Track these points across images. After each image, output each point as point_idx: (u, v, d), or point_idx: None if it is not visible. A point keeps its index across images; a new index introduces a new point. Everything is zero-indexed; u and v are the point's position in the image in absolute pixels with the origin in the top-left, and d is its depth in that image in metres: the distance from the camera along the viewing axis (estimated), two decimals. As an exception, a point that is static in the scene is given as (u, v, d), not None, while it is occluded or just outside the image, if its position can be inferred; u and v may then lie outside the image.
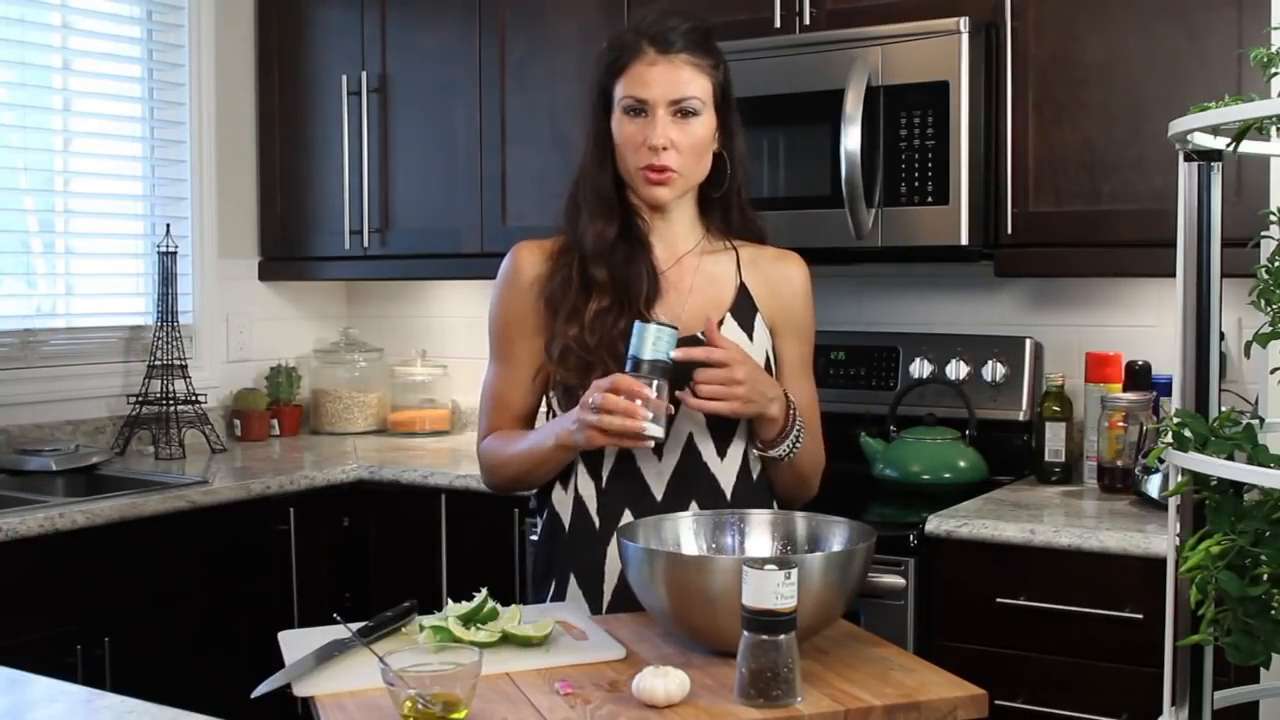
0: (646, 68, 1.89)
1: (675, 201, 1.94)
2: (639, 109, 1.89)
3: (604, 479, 1.90)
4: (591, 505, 1.91)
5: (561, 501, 1.95)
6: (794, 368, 1.99)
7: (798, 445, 1.89)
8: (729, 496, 1.90)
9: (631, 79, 1.89)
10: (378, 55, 3.56)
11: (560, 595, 1.93)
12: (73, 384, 3.36)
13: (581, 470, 1.92)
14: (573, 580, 1.91)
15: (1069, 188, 2.64)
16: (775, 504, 1.97)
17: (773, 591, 1.39)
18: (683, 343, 1.79)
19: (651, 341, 1.74)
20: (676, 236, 1.97)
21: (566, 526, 1.93)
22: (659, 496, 1.88)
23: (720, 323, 1.91)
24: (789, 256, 2.04)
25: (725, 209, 2.00)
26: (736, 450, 1.92)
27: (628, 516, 1.86)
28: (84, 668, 2.56)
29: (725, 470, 1.91)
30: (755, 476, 1.95)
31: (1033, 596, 2.34)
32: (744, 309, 1.96)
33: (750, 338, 1.94)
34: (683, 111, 1.88)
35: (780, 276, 2.01)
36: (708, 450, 1.90)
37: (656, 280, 1.92)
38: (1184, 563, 1.20)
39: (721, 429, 1.90)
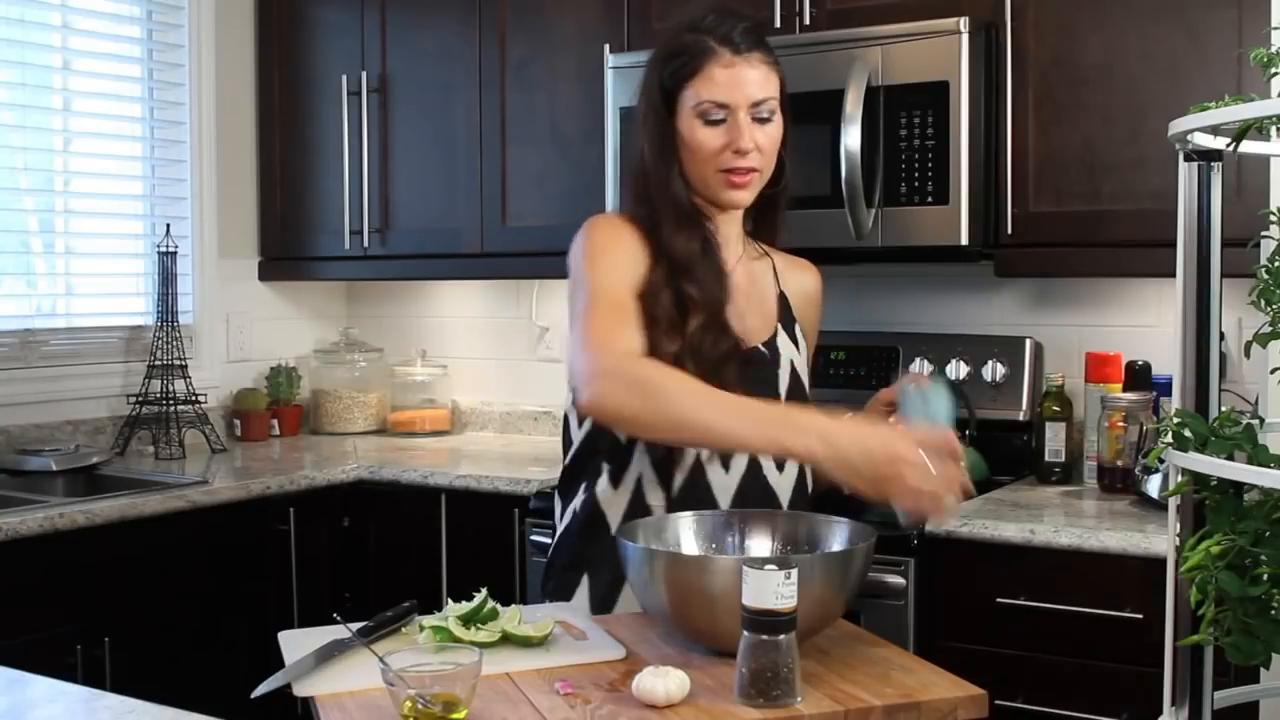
0: (725, 70, 1.83)
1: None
2: (718, 113, 1.83)
3: (675, 489, 1.85)
4: (658, 513, 1.85)
5: (610, 500, 1.88)
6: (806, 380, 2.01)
7: None
8: (786, 509, 1.90)
9: (708, 82, 1.83)
10: (378, 55, 3.56)
11: (597, 592, 1.88)
12: (73, 384, 3.36)
13: (650, 478, 1.86)
14: (628, 588, 1.83)
15: (1069, 188, 2.64)
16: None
17: (773, 591, 1.39)
18: (749, 355, 1.85)
19: (946, 403, 1.65)
20: (733, 240, 1.95)
21: (612, 526, 1.87)
22: (724, 509, 1.86)
23: (774, 336, 1.93)
24: (809, 266, 2.08)
25: (773, 210, 1.97)
26: (793, 464, 1.91)
27: None
28: (84, 668, 2.56)
29: (784, 483, 1.90)
30: (810, 489, 1.95)
31: (1033, 596, 2.34)
32: (787, 319, 1.98)
33: (796, 348, 1.96)
34: (761, 113, 1.85)
35: (805, 285, 2.05)
36: (768, 464, 1.89)
37: (729, 291, 1.88)
38: (1184, 563, 1.20)
39: None
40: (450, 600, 1.69)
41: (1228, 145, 1.27)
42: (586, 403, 1.69)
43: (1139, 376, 2.75)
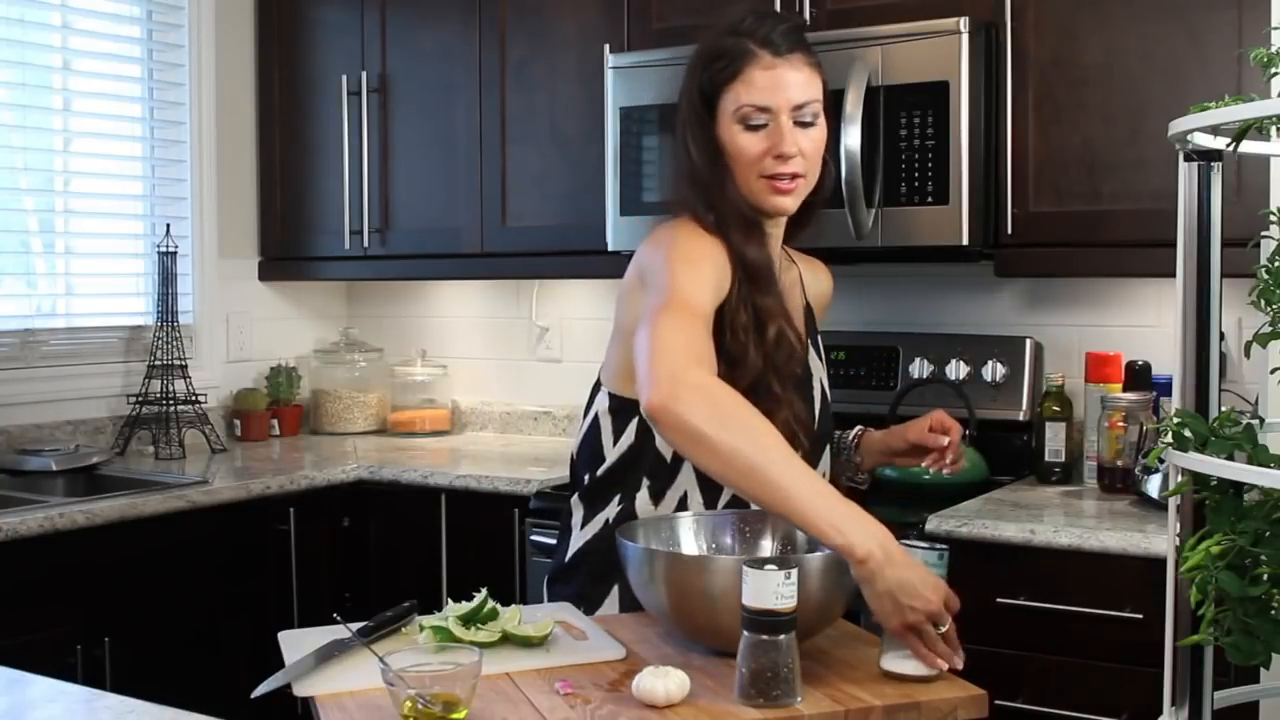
0: (766, 73, 1.78)
1: None
2: (760, 118, 1.79)
3: (719, 507, 1.83)
4: None
5: (650, 514, 1.84)
6: None
7: None
8: None
9: (751, 87, 1.78)
10: (378, 55, 3.56)
11: (627, 604, 1.82)
12: (73, 384, 3.36)
13: (696, 497, 1.83)
14: None
15: (1069, 188, 2.64)
16: None
17: (773, 591, 1.39)
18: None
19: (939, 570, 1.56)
20: (777, 247, 1.91)
21: None
22: None
23: (807, 353, 1.92)
24: (823, 268, 2.08)
25: (809, 216, 1.93)
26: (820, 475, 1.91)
27: None
28: (84, 668, 2.56)
29: None
30: None
31: (1033, 596, 2.34)
32: (814, 334, 1.98)
33: (821, 360, 1.96)
34: (804, 116, 1.80)
35: (822, 288, 2.06)
36: None
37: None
38: (1184, 563, 1.20)
39: (812, 463, 1.87)
40: (450, 600, 1.69)
41: (1228, 145, 1.27)
42: (659, 404, 1.54)
43: (1139, 376, 2.75)
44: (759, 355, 1.77)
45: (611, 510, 1.88)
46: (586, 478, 1.93)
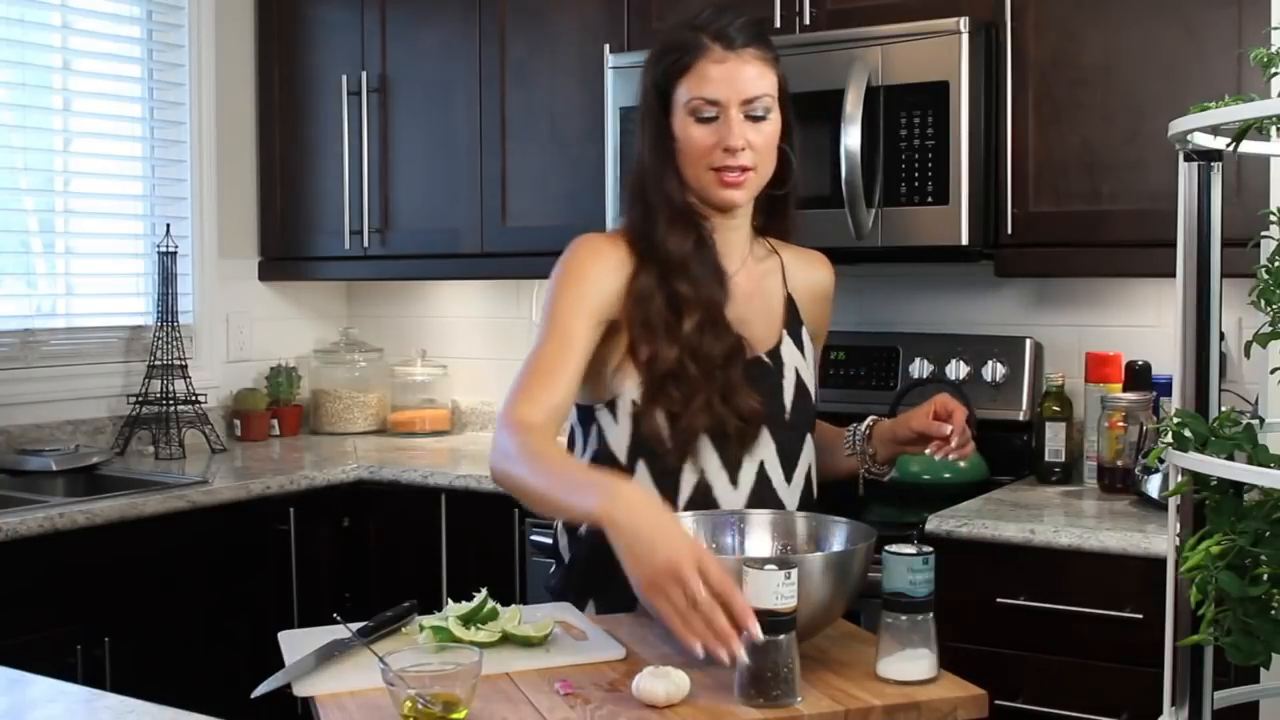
0: (714, 65, 1.80)
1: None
2: (709, 111, 1.80)
3: (679, 506, 1.82)
4: None
5: None
6: (819, 369, 2.02)
7: None
8: None
9: (699, 79, 1.80)
10: (378, 55, 3.56)
11: (612, 610, 1.83)
12: (73, 384, 3.36)
13: (654, 494, 1.80)
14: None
15: (1069, 188, 2.64)
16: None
17: (773, 591, 1.39)
18: (752, 365, 1.84)
19: (907, 574, 1.51)
20: (739, 241, 1.92)
21: None
22: None
23: (778, 344, 1.91)
24: (820, 259, 2.05)
25: (782, 209, 1.95)
26: (801, 472, 1.91)
27: None
28: (84, 668, 2.56)
29: (791, 494, 1.89)
30: (815, 495, 1.95)
31: (1033, 596, 2.34)
32: (794, 324, 1.95)
33: (803, 354, 1.94)
34: (755, 110, 1.81)
35: (816, 281, 2.02)
36: (777, 477, 1.87)
37: (728, 290, 1.86)
38: (1184, 563, 1.20)
39: (790, 454, 1.88)
40: (450, 600, 1.69)
41: (1228, 145, 1.27)
42: (490, 474, 1.75)
43: (1139, 376, 2.75)
44: (672, 341, 1.80)
45: (583, 527, 1.86)
46: None
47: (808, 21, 2.88)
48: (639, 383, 1.82)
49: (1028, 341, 2.96)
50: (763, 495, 1.85)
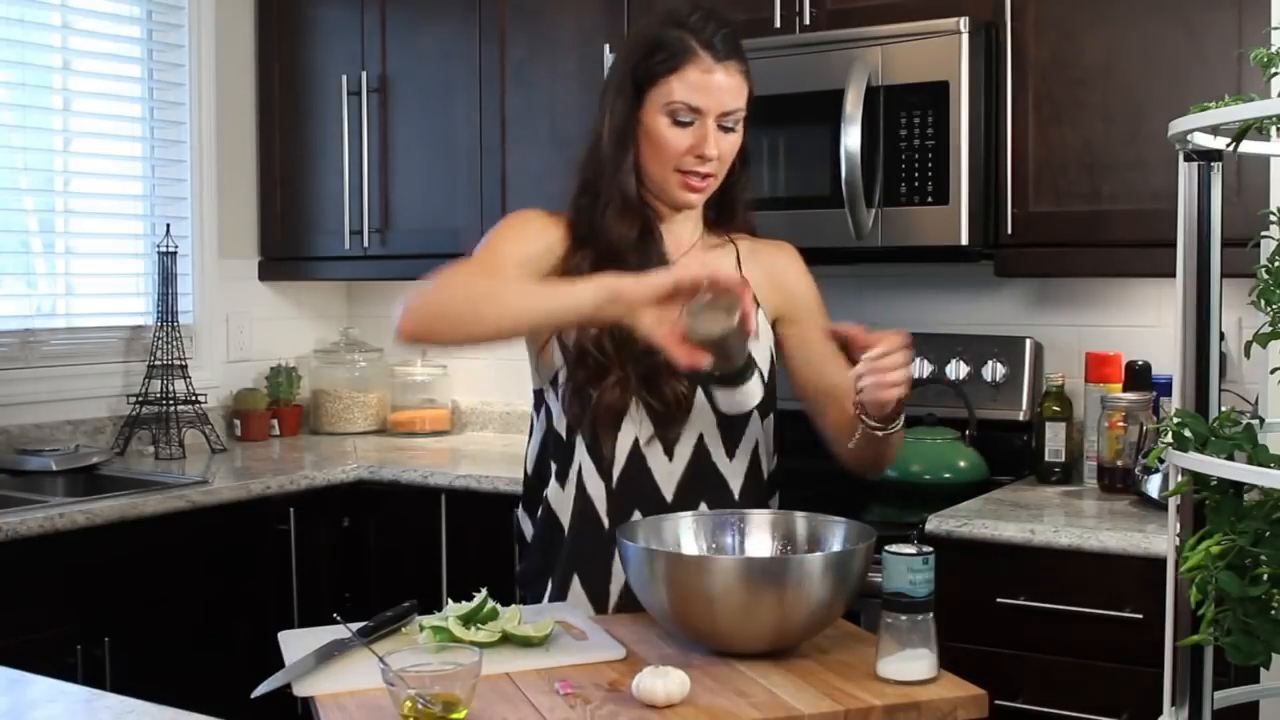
0: (705, 75, 1.84)
1: None
2: (688, 116, 1.84)
3: (614, 479, 1.88)
4: (600, 505, 1.89)
5: (560, 501, 1.93)
6: (827, 348, 1.95)
7: (902, 420, 1.84)
8: (736, 496, 1.90)
9: (684, 84, 1.83)
10: (378, 55, 3.56)
11: (560, 596, 1.92)
12: (73, 384, 3.36)
13: (589, 470, 1.89)
14: (576, 580, 1.90)
15: (1069, 188, 2.64)
16: (776, 504, 1.98)
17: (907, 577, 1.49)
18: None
19: (907, 574, 1.53)
20: (684, 231, 1.96)
21: (566, 526, 1.92)
22: (669, 497, 1.88)
23: None
24: (781, 245, 2.06)
25: (732, 202, 1.98)
26: (745, 449, 1.92)
27: (637, 517, 1.85)
28: (84, 668, 2.56)
29: (734, 471, 1.91)
30: (766, 476, 1.95)
31: (1033, 596, 2.34)
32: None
33: (758, 336, 1.93)
34: (728, 122, 1.87)
35: (778, 266, 2.02)
36: (718, 451, 1.90)
37: None
38: (1184, 563, 1.20)
39: (732, 429, 1.89)
40: (450, 600, 1.69)
41: (1228, 145, 1.27)
42: (396, 339, 1.77)
43: (1139, 376, 2.75)
44: (602, 335, 1.83)
45: (539, 512, 1.96)
46: (525, 488, 2.03)
47: (808, 21, 2.88)
48: (564, 362, 1.88)
49: (1028, 341, 2.96)
50: (701, 469, 1.88)
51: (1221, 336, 1.31)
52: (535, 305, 1.69)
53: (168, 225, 3.48)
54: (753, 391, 1.79)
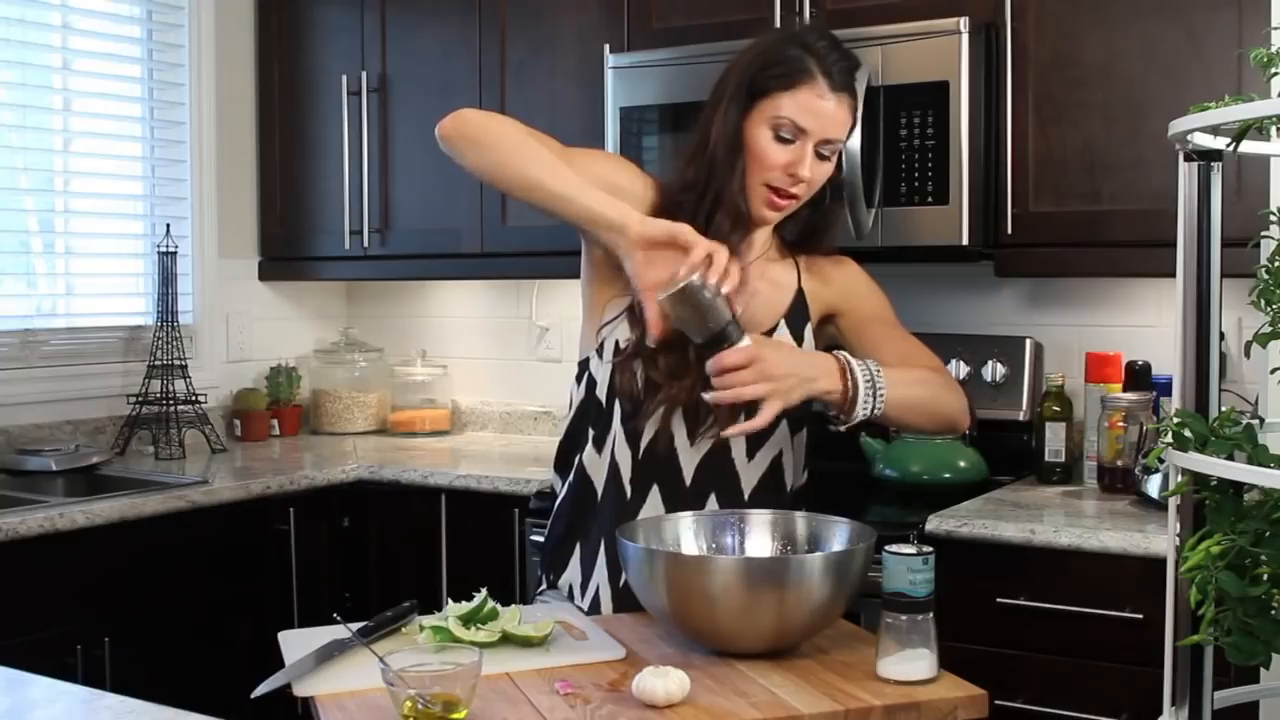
0: (817, 99, 1.86)
1: None
2: (791, 134, 1.86)
3: (641, 450, 1.89)
4: (625, 473, 1.90)
5: (595, 465, 1.94)
6: (882, 329, 2.02)
7: (878, 402, 1.81)
8: (746, 496, 1.91)
9: (799, 105, 1.85)
10: (378, 55, 3.56)
11: (589, 563, 1.92)
12: (73, 384, 3.36)
13: (620, 438, 1.90)
14: (603, 549, 1.91)
15: (1069, 188, 2.64)
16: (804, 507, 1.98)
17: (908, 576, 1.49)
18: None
19: (907, 574, 1.53)
20: (758, 238, 1.98)
21: (599, 492, 1.93)
22: (688, 481, 1.89)
23: (774, 329, 1.94)
24: (838, 258, 2.10)
25: (823, 230, 2.05)
26: (767, 455, 1.92)
27: (655, 493, 1.88)
28: (84, 668, 2.56)
29: (750, 472, 1.92)
30: (789, 489, 1.96)
31: (1033, 596, 2.34)
32: (798, 316, 1.98)
33: (799, 345, 1.96)
34: (825, 150, 1.88)
35: (836, 273, 2.07)
36: (738, 448, 1.91)
37: None
38: (1184, 563, 1.20)
39: (758, 433, 1.88)
40: (450, 600, 1.69)
41: (1228, 145, 1.27)
42: (438, 132, 1.86)
43: (1139, 376, 2.75)
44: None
45: (572, 474, 1.97)
46: (558, 450, 2.04)
47: (808, 21, 2.88)
48: (629, 336, 1.88)
49: (1028, 341, 2.96)
50: (719, 461, 1.90)
51: (1221, 336, 1.31)
52: (557, 186, 1.77)
53: (168, 225, 3.48)
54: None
